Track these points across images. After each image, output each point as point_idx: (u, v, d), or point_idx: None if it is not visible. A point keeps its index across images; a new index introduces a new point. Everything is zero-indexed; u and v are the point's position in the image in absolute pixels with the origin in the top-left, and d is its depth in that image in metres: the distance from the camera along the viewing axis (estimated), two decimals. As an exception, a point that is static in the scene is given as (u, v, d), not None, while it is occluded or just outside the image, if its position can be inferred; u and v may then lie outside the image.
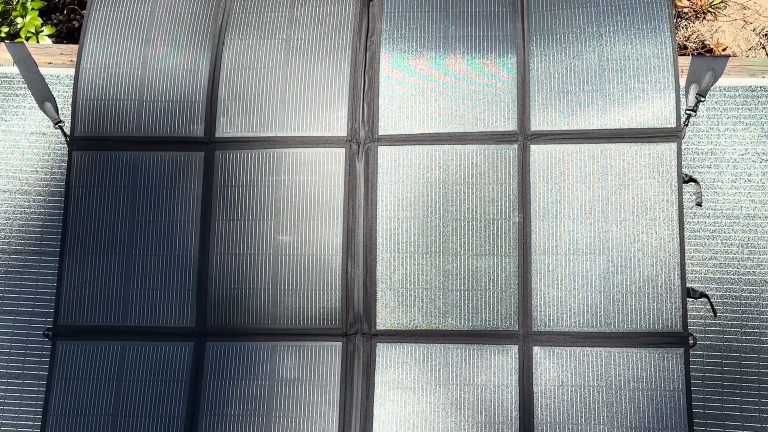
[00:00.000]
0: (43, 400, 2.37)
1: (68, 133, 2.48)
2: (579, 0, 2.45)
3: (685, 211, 2.43)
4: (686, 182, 2.40)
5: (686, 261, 2.38)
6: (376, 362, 2.34)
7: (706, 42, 3.88)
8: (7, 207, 2.62)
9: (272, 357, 2.35)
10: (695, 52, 3.84)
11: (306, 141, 2.42)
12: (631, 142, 2.33)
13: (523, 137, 2.37)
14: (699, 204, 2.42)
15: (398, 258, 2.37)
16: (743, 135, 2.49)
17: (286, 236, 2.39)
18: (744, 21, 3.91)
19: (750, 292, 2.43)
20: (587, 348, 2.29)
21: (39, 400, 2.50)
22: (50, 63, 2.72)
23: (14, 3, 3.26)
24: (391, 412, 2.31)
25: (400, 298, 2.36)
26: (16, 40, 3.14)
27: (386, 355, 2.35)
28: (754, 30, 3.91)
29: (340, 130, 2.42)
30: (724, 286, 2.44)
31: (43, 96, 2.59)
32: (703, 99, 2.42)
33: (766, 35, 3.89)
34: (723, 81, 2.51)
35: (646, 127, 2.33)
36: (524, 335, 2.31)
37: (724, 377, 2.40)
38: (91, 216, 2.43)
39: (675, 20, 3.85)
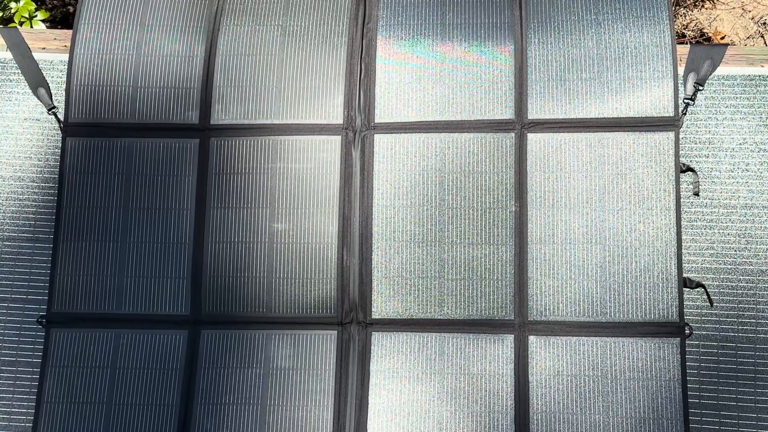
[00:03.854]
0: (37, 387, 2.37)
1: (62, 119, 2.46)
2: (577, -13, 2.44)
3: (682, 200, 2.43)
4: (684, 172, 2.39)
5: (683, 251, 2.38)
6: (372, 351, 2.34)
7: (705, 30, 3.87)
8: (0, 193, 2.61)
9: (267, 345, 2.35)
10: (694, 41, 3.83)
11: (302, 128, 2.40)
12: (628, 131, 2.32)
13: (521, 126, 2.35)
14: (696, 194, 2.42)
15: (394, 247, 2.36)
16: (741, 124, 2.49)
17: (282, 224, 2.38)
18: (742, 9, 3.90)
19: (746, 282, 2.43)
20: (583, 337, 2.29)
21: (32, 388, 2.49)
22: (44, 48, 2.69)
23: (8, -13, 3.24)
24: (386, 401, 2.31)
25: (396, 286, 2.35)
26: (9, 25, 3.12)
27: (381, 344, 2.34)
28: (752, 18, 3.89)
29: (336, 117, 2.40)
30: (721, 276, 2.44)
31: (37, 82, 2.57)
32: (701, 88, 2.41)
33: (764, 24, 3.88)
34: (721, 70, 2.50)
35: (643, 116, 2.32)
36: (520, 324, 2.31)
37: (720, 367, 2.40)
38: (85, 203, 2.41)
39: (673, 8, 3.83)
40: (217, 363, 2.35)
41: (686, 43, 3.77)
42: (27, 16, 3.23)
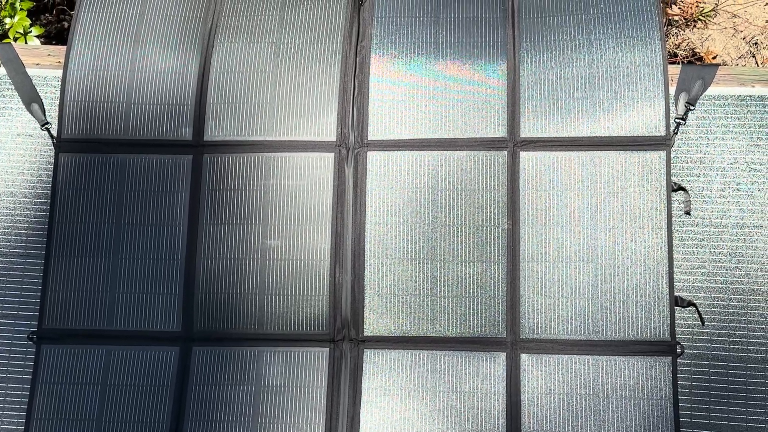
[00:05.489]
0: (27, 404, 2.35)
1: (55, 135, 2.46)
2: (570, 7, 2.45)
3: (673, 219, 2.43)
4: (675, 191, 2.40)
5: (674, 269, 2.38)
6: (364, 368, 2.33)
7: (697, 50, 3.89)
8: (-8, 209, 2.61)
9: (259, 362, 2.34)
10: (685, 60, 3.85)
11: (295, 145, 2.41)
12: (620, 150, 2.33)
13: (513, 144, 2.36)
14: (688, 213, 2.42)
15: (386, 264, 2.36)
16: (732, 144, 2.50)
17: (274, 241, 2.37)
18: (734, 29, 3.93)
19: (738, 302, 2.43)
20: (575, 356, 2.29)
21: (23, 404, 2.48)
22: (38, 64, 2.70)
23: (3, 3, 3.24)
24: (377, 419, 2.30)
25: (388, 304, 2.35)
26: (4, 41, 3.12)
27: (373, 362, 2.34)
28: (743, 38, 3.92)
29: (330, 134, 2.41)
30: (712, 295, 2.44)
31: (30, 97, 2.57)
32: (692, 108, 2.43)
33: (755, 44, 3.91)
34: (712, 90, 2.52)
35: (635, 135, 2.32)
36: (512, 342, 2.31)
37: (711, 386, 2.41)
38: (78, 219, 2.41)
39: (665, 28, 3.86)
40: (209, 380, 2.34)
41: (678, 63, 3.79)
42: (21, 31, 3.23)
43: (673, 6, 3.92)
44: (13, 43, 2.80)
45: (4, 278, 2.57)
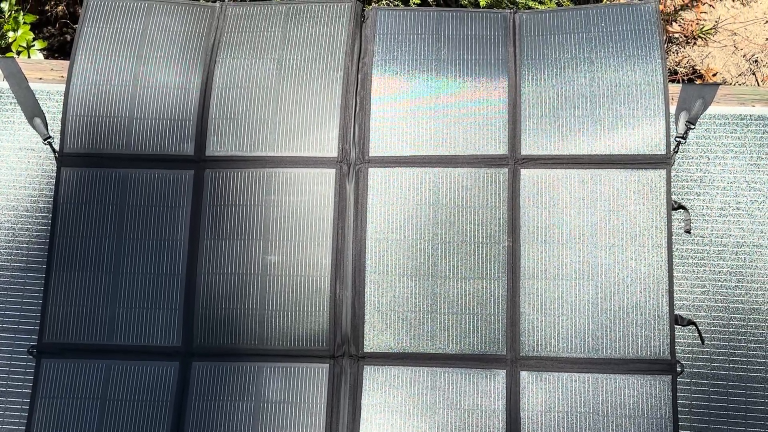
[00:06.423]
0: (27, 418, 2.35)
1: (57, 149, 2.47)
2: (571, 26, 2.46)
3: (674, 238, 2.43)
4: (675, 209, 2.40)
5: (674, 288, 2.38)
6: (363, 385, 2.33)
7: (697, 67, 3.91)
8: (-7, 222, 2.61)
9: (258, 378, 2.34)
10: (686, 77, 3.86)
11: (296, 161, 2.41)
12: (621, 168, 2.33)
13: (514, 161, 2.37)
14: (688, 231, 2.43)
15: (387, 280, 2.36)
16: (733, 163, 2.50)
17: (275, 256, 2.38)
18: (734, 47, 3.94)
19: (738, 320, 2.43)
20: (575, 373, 2.29)
21: (22, 419, 2.47)
22: (41, 78, 2.70)
23: (6, 17, 3.25)
24: (377, 436, 2.30)
25: (388, 320, 2.35)
26: (6, 54, 3.13)
27: (373, 378, 2.34)
28: (744, 56, 3.94)
29: (331, 151, 2.41)
30: (712, 314, 2.44)
31: (33, 112, 2.58)
32: (692, 126, 2.43)
33: (755, 61, 3.92)
34: (713, 109, 2.52)
35: (636, 153, 2.33)
36: (512, 360, 2.31)
37: (710, 405, 2.40)
38: (79, 233, 2.41)
39: (666, 45, 3.87)
40: (208, 395, 2.33)
41: (678, 80, 3.81)
42: (25, 45, 3.24)
43: (674, 23, 3.94)
44: (16, 56, 2.80)
45: (4, 292, 2.57)
